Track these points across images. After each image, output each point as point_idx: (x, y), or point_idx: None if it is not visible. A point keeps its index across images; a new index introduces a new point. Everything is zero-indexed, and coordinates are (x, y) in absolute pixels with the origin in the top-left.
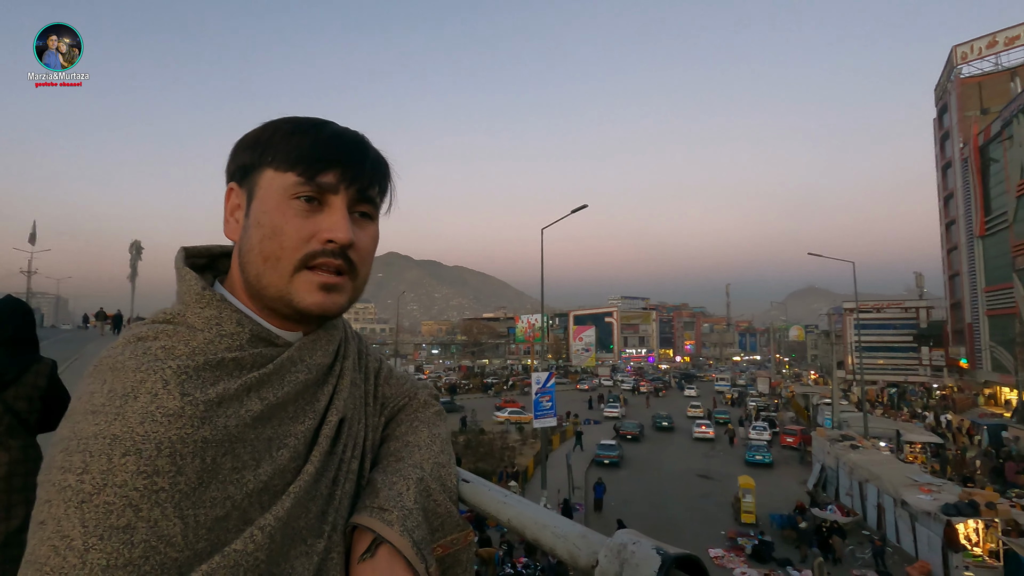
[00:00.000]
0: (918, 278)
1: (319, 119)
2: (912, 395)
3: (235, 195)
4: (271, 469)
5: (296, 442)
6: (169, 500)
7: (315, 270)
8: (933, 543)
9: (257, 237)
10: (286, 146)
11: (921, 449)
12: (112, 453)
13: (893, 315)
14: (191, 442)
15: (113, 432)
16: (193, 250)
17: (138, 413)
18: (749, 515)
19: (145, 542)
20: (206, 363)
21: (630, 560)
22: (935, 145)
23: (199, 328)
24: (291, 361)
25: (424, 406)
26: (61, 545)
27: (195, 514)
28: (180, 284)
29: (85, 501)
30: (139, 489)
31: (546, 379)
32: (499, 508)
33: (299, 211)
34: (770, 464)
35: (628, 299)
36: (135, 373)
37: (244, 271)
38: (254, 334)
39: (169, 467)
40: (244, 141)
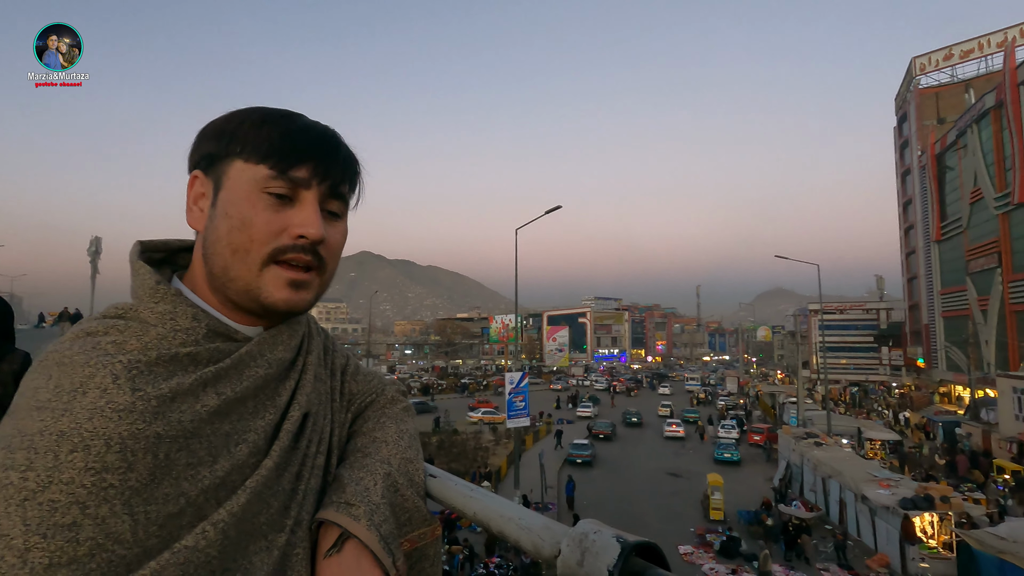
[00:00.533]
0: (879, 280)
1: (288, 111)
2: (873, 394)
3: (199, 183)
4: (229, 464)
5: (256, 437)
6: (118, 497)
7: (284, 265)
8: (891, 536)
9: (225, 228)
10: (256, 137)
11: (881, 446)
12: (59, 450)
13: (855, 316)
14: (142, 438)
15: (60, 428)
16: (149, 244)
17: (87, 409)
18: (717, 512)
19: (92, 540)
20: (159, 358)
21: (591, 548)
22: (895, 152)
23: (152, 323)
24: (250, 356)
25: (392, 402)
26: (1, 545)
27: (146, 511)
28: (134, 279)
29: (28, 499)
30: (86, 486)
31: (519, 379)
32: (465, 502)
33: (269, 204)
34: (738, 462)
35: (601, 300)
36: (83, 368)
37: (209, 262)
38: (211, 329)
39: (119, 463)
40: (210, 129)
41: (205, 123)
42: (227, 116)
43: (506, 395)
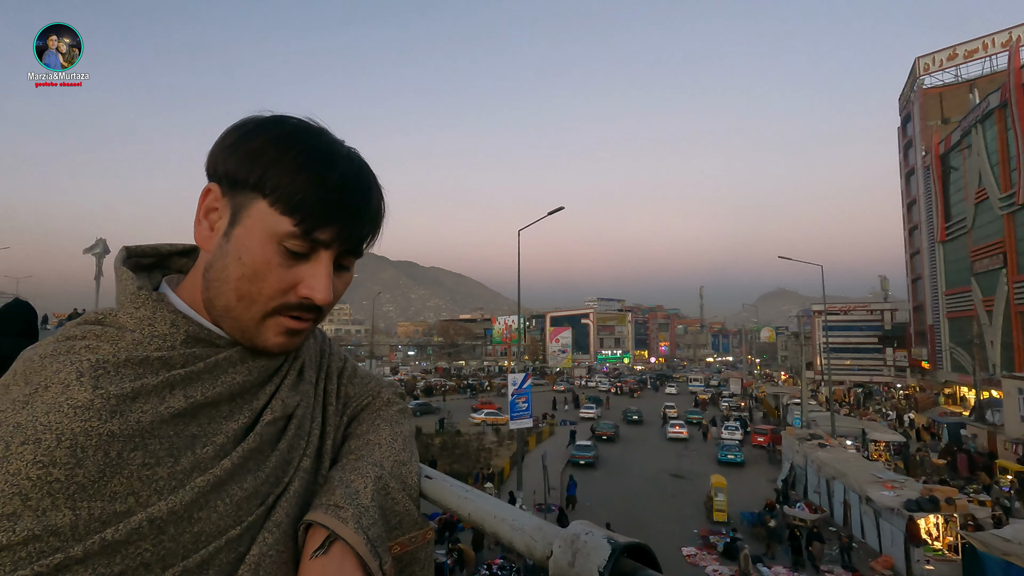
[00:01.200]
0: (883, 281)
1: (333, 149)
2: (877, 395)
3: (214, 198)
4: (189, 465)
5: (224, 440)
6: (62, 492)
7: (285, 315)
8: (896, 538)
9: (236, 273)
10: (290, 186)
11: (885, 447)
12: (11, 441)
13: (859, 317)
14: (95, 435)
15: (17, 420)
16: (136, 250)
17: (46, 403)
18: (721, 513)
19: (28, 531)
20: (128, 360)
21: (582, 549)
22: (899, 153)
23: (130, 328)
24: (229, 361)
25: (387, 404)
26: None
27: (89, 507)
28: (117, 284)
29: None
30: (31, 479)
31: (522, 380)
32: (459, 503)
33: (284, 260)
34: (742, 463)
35: (604, 301)
36: (52, 365)
37: (210, 292)
38: (189, 335)
39: (68, 459)
40: (240, 148)
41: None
42: (262, 140)
43: (509, 396)
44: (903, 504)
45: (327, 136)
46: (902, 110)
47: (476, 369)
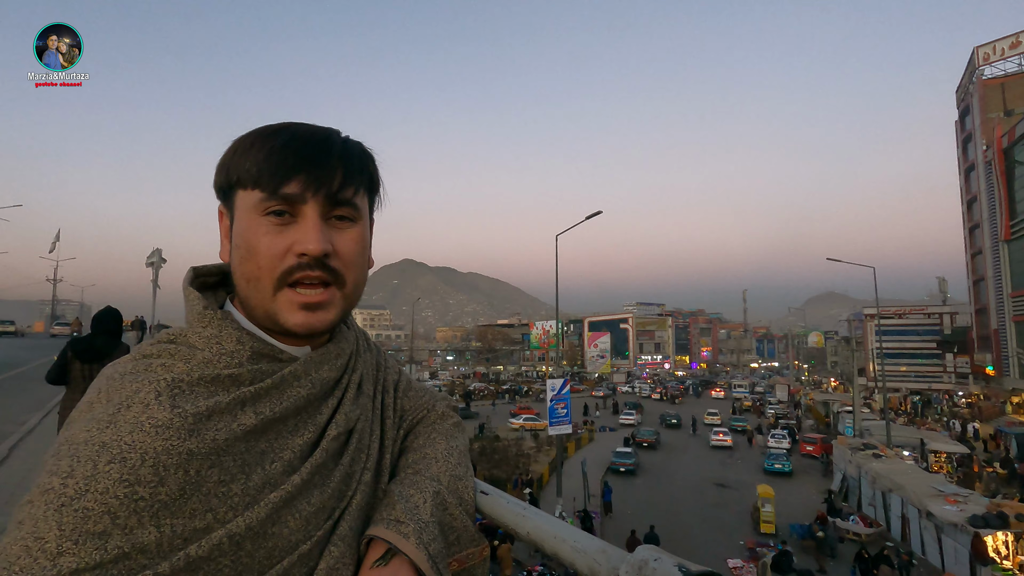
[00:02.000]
0: (941, 283)
1: (282, 124)
2: (936, 403)
3: (224, 216)
4: (261, 481)
5: (291, 455)
6: (147, 509)
7: (296, 287)
8: (960, 555)
9: (237, 259)
10: (246, 162)
11: (946, 459)
12: (98, 460)
13: (915, 321)
14: (175, 454)
15: (103, 439)
16: (203, 269)
17: (129, 423)
18: (768, 525)
19: (118, 549)
20: (201, 378)
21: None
22: (957, 148)
23: (199, 347)
24: (293, 376)
25: (442, 418)
26: (34, 546)
27: (172, 524)
28: (185, 305)
29: (65, 505)
30: (119, 497)
31: (561, 386)
32: (517, 521)
33: (271, 227)
34: (790, 473)
35: (643, 305)
36: (132, 384)
37: (238, 295)
38: (255, 351)
39: (151, 477)
40: (219, 162)
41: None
42: (231, 146)
43: (547, 402)
44: (968, 520)
45: (283, 122)
46: (960, 102)
47: (514, 374)
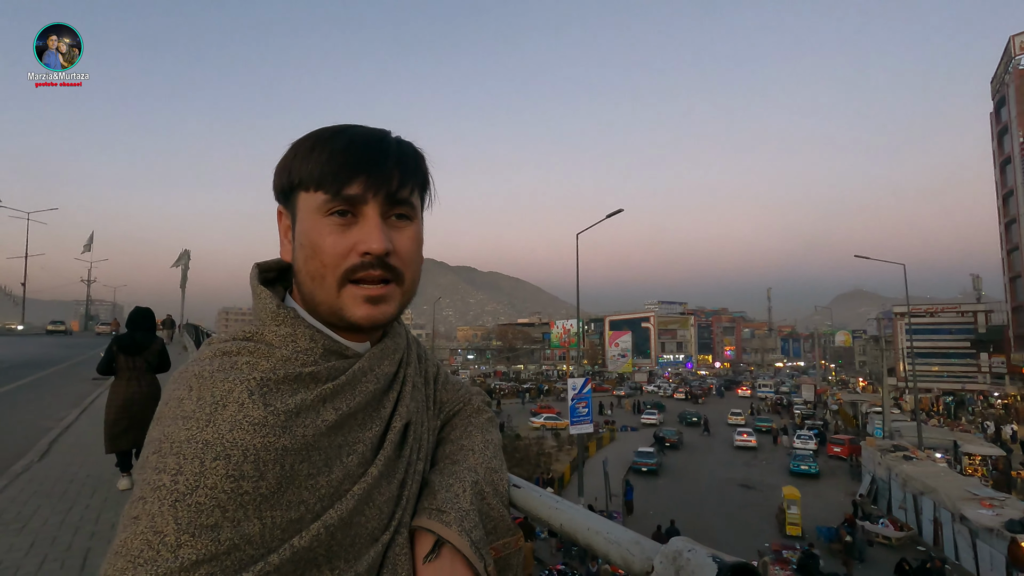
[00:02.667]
0: (975, 280)
1: (339, 127)
2: (970, 404)
3: (284, 217)
4: (341, 474)
5: (364, 448)
6: (251, 503)
7: (360, 283)
8: (996, 561)
9: (302, 258)
10: (308, 164)
11: (981, 461)
12: (204, 457)
13: (948, 319)
14: (273, 450)
15: (205, 438)
16: (264, 265)
17: (227, 421)
18: (795, 527)
19: (229, 540)
20: (286, 376)
21: (686, 567)
22: (992, 140)
23: (276, 345)
24: (362, 372)
25: (477, 412)
26: (155, 540)
27: (272, 516)
28: (256, 302)
29: (179, 500)
30: (227, 492)
31: (582, 385)
32: (551, 514)
33: (334, 227)
34: (816, 475)
35: (665, 304)
36: (223, 383)
37: (300, 291)
38: (326, 348)
39: (253, 472)
40: (280, 163)
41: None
42: (290, 148)
43: (569, 401)
44: (1004, 524)
45: (340, 125)
46: (995, 94)
47: (535, 373)
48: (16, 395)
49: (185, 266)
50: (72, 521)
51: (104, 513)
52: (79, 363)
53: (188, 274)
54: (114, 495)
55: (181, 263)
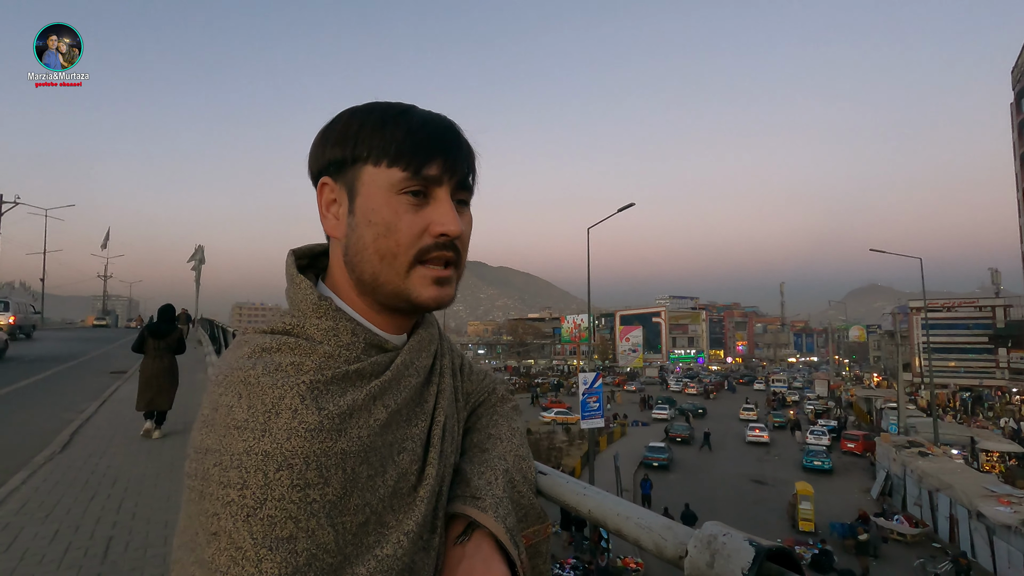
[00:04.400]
0: (994, 275)
1: (402, 105)
2: (988, 400)
3: (330, 190)
4: (396, 473)
5: (413, 445)
6: (322, 510)
7: (427, 264)
8: (1014, 559)
9: (371, 235)
10: (381, 140)
11: (999, 458)
12: (267, 469)
13: (965, 314)
14: (332, 454)
15: (264, 448)
16: (298, 251)
17: (283, 429)
18: (807, 523)
19: (307, 551)
20: (334, 376)
21: (721, 551)
22: (1012, 131)
23: (318, 340)
24: (404, 366)
25: (502, 401)
26: (238, 556)
27: (343, 521)
28: (295, 292)
29: (251, 515)
30: (295, 502)
31: (593, 380)
32: (578, 500)
33: (409, 206)
34: (830, 470)
35: (677, 299)
36: (272, 389)
37: (357, 270)
38: (368, 342)
39: (317, 479)
40: (332, 135)
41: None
42: (345, 119)
43: (580, 396)
44: (1022, 522)
45: (396, 102)
46: (1016, 83)
47: (545, 368)
48: (38, 388)
49: (199, 261)
50: (94, 511)
51: (125, 502)
52: (96, 357)
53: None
54: (134, 485)
55: (195, 259)
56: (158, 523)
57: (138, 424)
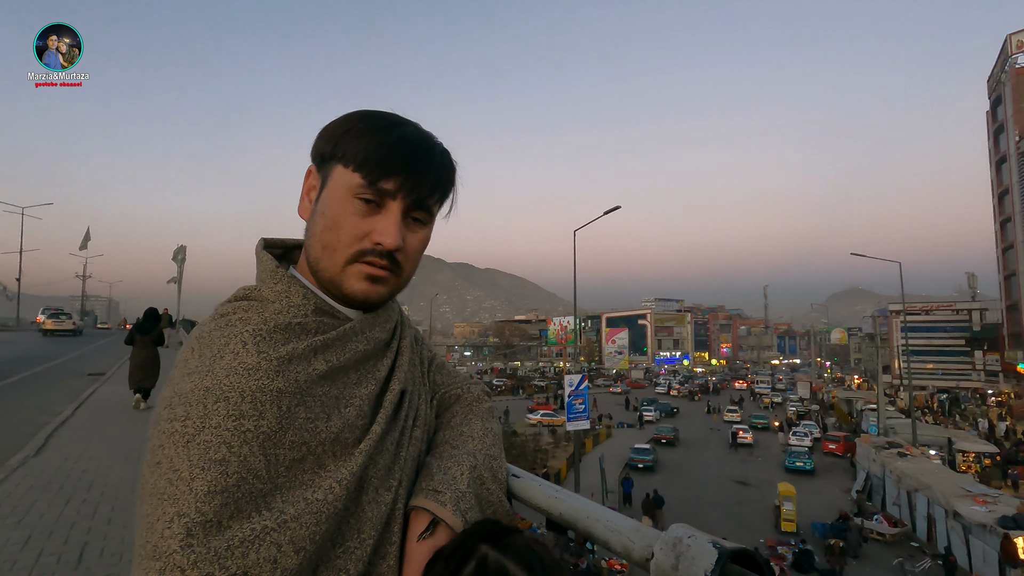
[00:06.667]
0: (970, 279)
1: (396, 119)
2: (965, 401)
3: (312, 177)
4: (341, 423)
5: (361, 403)
6: (255, 440)
7: (363, 262)
8: (989, 557)
9: (320, 226)
10: (356, 145)
11: (975, 458)
12: (206, 401)
13: (943, 317)
14: (268, 391)
15: (205, 385)
16: (270, 241)
17: (224, 368)
18: (790, 523)
19: (237, 473)
20: (276, 327)
21: (686, 553)
22: (988, 139)
23: (271, 300)
24: (352, 331)
25: (477, 400)
26: (174, 477)
27: (276, 453)
28: (258, 266)
29: (189, 441)
30: (230, 429)
31: (579, 382)
32: (550, 503)
33: (358, 210)
34: (811, 471)
35: (662, 301)
36: (220, 338)
37: (307, 252)
38: (318, 307)
39: (252, 411)
40: (327, 129)
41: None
42: (341, 119)
43: (565, 397)
44: (997, 521)
45: (394, 115)
46: (991, 92)
47: (531, 370)
48: (12, 390)
49: (181, 262)
50: (68, 516)
51: (101, 507)
52: (72, 359)
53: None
54: (111, 490)
55: (177, 259)
56: (134, 529)
57: (116, 428)
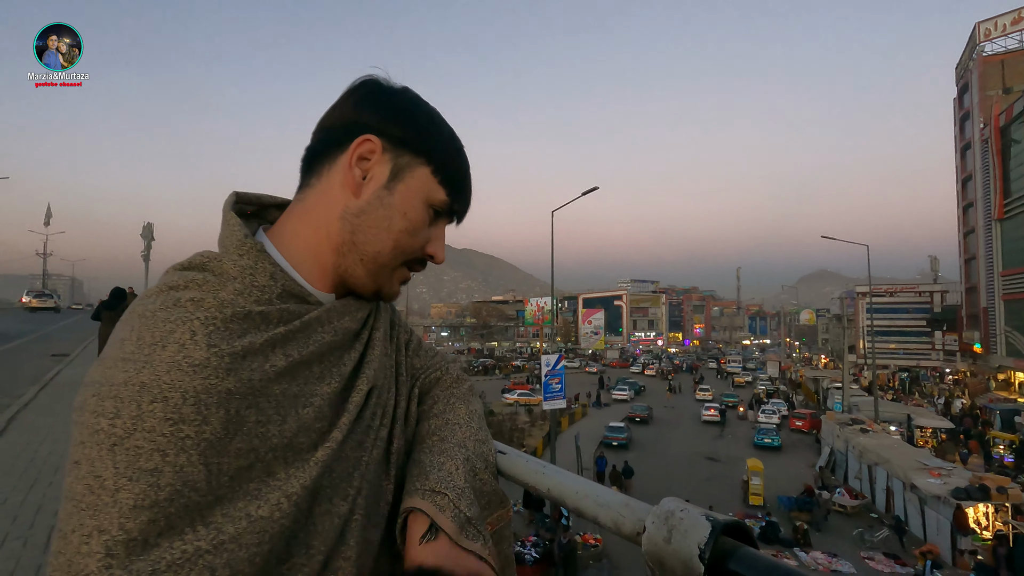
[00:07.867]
0: (933, 262)
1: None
2: (924, 380)
3: (370, 150)
4: (296, 426)
5: (321, 403)
6: (194, 447)
7: (407, 268)
8: (942, 526)
9: (399, 226)
10: (451, 163)
11: (932, 434)
12: (141, 400)
13: (906, 299)
14: (215, 393)
15: (142, 380)
16: (243, 197)
17: (165, 362)
18: (757, 497)
19: (171, 485)
20: (233, 315)
21: (679, 526)
22: (954, 125)
23: (232, 276)
24: (318, 321)
25: (457, 382)
26: (95, 484)
27: (219, 462)
28: (224, 228)
29: (116, 444)
30: (166, 435)
31: (556, 362)
32: (538, 479)
33: (425, 219)
34: (779, 447)
35: (638, 282)
36: (164, 323)
37: (359, 234)
38: (285, 289)
39: (194, 416)
40: (402, 111)
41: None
42: (428, 115)
43: (542, 377)
44: (951, 492)
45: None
46: (959, 79)
47: (508, 350)
48: None
49: (148, 239)
50: (34, 500)
51: None
52: (34, 340)
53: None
54: None
55: (145, 237)
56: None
57: None
